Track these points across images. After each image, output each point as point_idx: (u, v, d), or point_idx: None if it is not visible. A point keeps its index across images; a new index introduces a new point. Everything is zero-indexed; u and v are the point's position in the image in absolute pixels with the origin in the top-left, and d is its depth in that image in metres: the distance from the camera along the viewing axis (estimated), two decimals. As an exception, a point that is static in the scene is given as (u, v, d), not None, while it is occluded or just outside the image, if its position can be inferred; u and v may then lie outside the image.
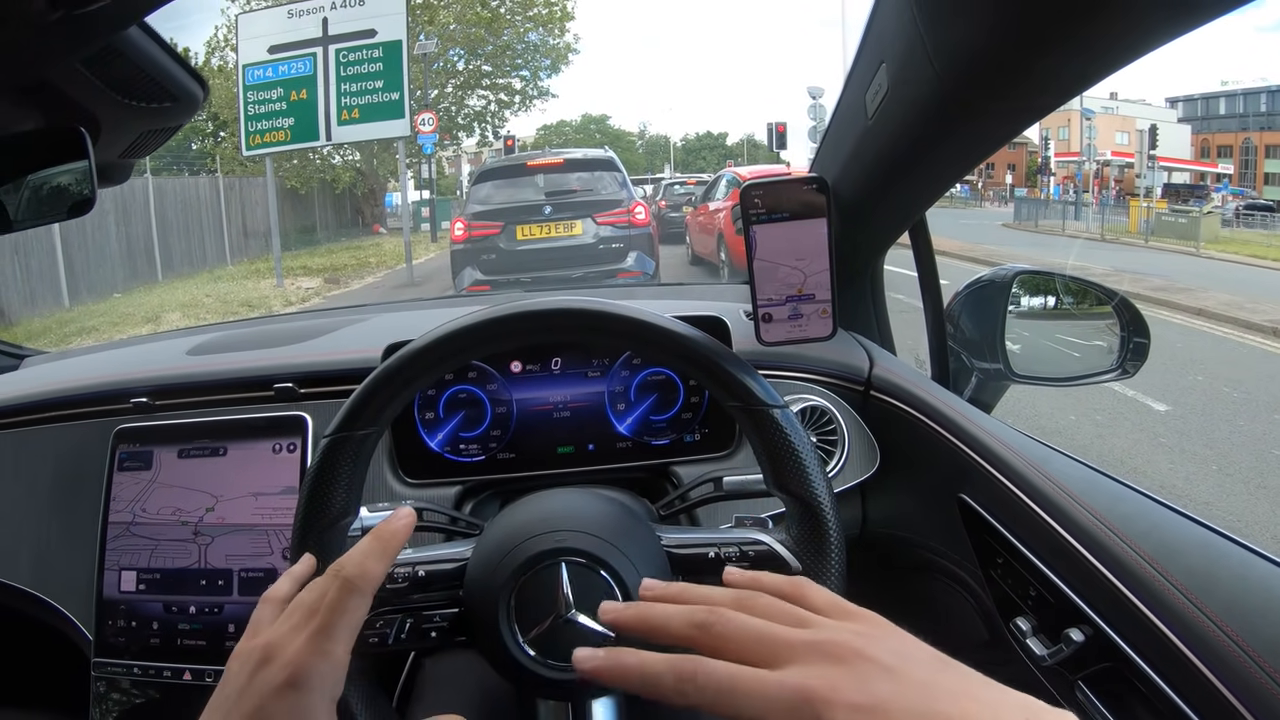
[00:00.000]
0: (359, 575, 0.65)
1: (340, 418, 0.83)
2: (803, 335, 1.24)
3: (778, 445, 0.81)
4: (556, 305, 0.84)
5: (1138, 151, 29.99)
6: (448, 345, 0.83)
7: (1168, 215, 24.07)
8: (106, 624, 1.28)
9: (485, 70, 28.51)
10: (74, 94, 0.98)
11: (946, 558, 1.17)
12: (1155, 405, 6.57)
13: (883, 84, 1.01)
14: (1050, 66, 0.81)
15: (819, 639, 0.51)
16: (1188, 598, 0.73)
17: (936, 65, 0.87)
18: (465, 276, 9.65)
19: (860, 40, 1.08)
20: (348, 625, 0.63)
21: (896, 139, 1.08)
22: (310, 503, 0.81)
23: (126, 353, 1.79)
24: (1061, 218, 27.34)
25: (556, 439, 1.36)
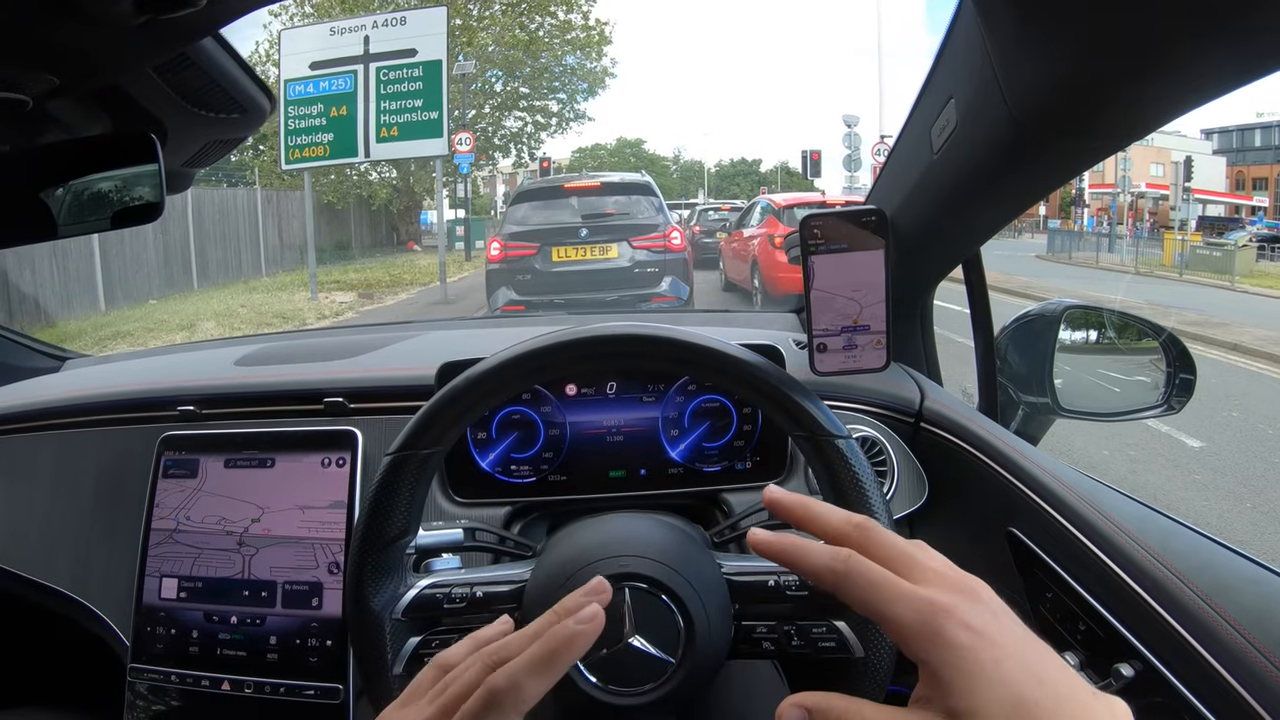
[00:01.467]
0: (508, 691, 0.58)
1: (405, 435, 0.83)
2: (857, 366, 1.24)
3: (842, 475, 0.81)
4: (624, 331, 0.84)
5: (1173, 184, 29.76)
6: (518, 368, 0.84)
7: (1202, 248, 23.84)
8: (145, 630, 1.28)
9: (522, 92, 28.80)
10: (144, 100, 0.99)
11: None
12: (1189, 441, 6.49)
13: (951, 119, 1.01)
14: (1125, 105, 0.81)
15: (947, 572, 0.57)
16: (1241, 634, 0.73)
17: (1010, 103, 0.87)
18: (500, 296, 9.73)
19: (928, 74, 1.08)
20: None
21: (962, 174, 1.08)
22: (371, 520, 0.81)
23: (173, 360, 1.81)
24: (1095, 250, 27.14)
25: (608, 463, 1.35)
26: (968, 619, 0.52)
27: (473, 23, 25.50)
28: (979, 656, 0.51)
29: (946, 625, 0.52)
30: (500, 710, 0.57)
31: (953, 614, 0.52)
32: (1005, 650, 0.51)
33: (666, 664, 0.76)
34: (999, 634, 0.52)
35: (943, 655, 0.52)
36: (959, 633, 0.52)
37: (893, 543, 0.59)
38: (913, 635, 0.53)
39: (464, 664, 0.62)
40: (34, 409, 1.51)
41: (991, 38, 0.85)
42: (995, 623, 0.53)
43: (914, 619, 0.53)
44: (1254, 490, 5.54)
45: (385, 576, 0.81)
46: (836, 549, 0.58)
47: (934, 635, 0.52)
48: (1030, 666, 0.51)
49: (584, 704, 0.77)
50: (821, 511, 0.63)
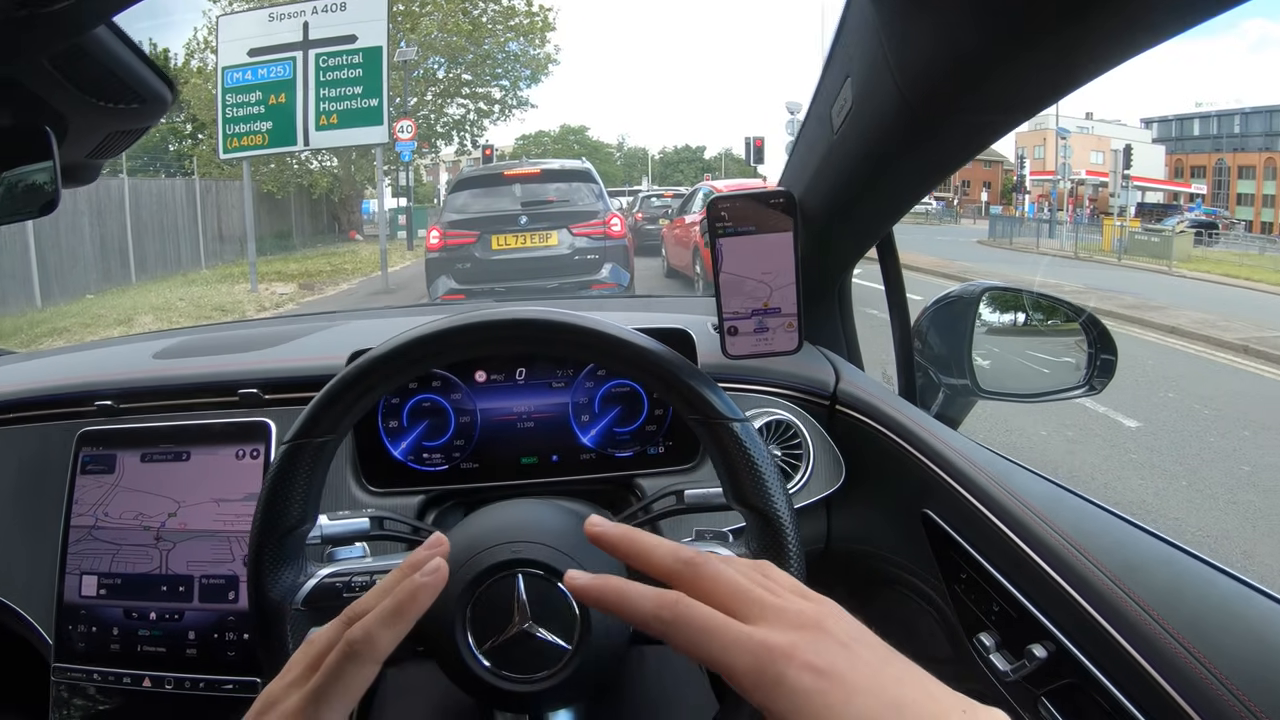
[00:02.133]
0: (363, 641, 0.59)
1: (299, 424, 0.82)
2: (768, 349, 1.24)
3: (736, 459, 0.81)
4: (518, 315, 0.84)
5: (1112, 171, 30.35)
6: (408, 354, 0.83)
7: (1141, 234, 24.32)
8: (67, 629, 1.27)
9: (465, 79, 28.46)
10: (41, 92, 0.97)
11: (911, 572, 1.17)
12: (1127, 422, 6.63)
13: (848, 98, 1.02)
14: (1008, 83, 0.82)
15: (786, 606, 0.54)
16: (1150, 614, 0.73)
17: (899, 80, 0.88)
18: (440, 285, 9.69)
19: (827, 55, 1.09)
20: (344, 694, 0.58)
21: (861, 153, 1.09)
22: (268, 509, 0.81)
23: (93, 355, 1.78)
24: (1036, 235, 27.57)
25: (520, 449, 1.35)
26: (810, 659, 0.50)
27: (415, 8, 25.14)
28: (827, 699, 0.49)
29: (787, 671, 0.49)
30: (358, 660, 0.58)
31: (793, 657, 0.50)
32: (856, 686, 0.49)
33: (563, 651, 0.76)
34: (849, 669, 0.50)
35: (787, 704, 0.49)
36: (802, 676, 0.49)
37: (726, 579, 0.56)
38: (751, 684, 0.50)
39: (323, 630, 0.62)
40: None
41: (880, 14, 0.86)
42: (845, 656, 0.51)
43: (750, 666, 0.50)
44: (1189, 469, 5.67)
45: (284, 566, 0.81)
46: (663, 593, 0.55)
47: (774, 683, 0.49)
48: (886, 697, 0.49)
49: (485, 690, 0.77)
50: (647, 546, 0.60)
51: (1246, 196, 48.92)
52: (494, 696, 0.77)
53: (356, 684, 0.58)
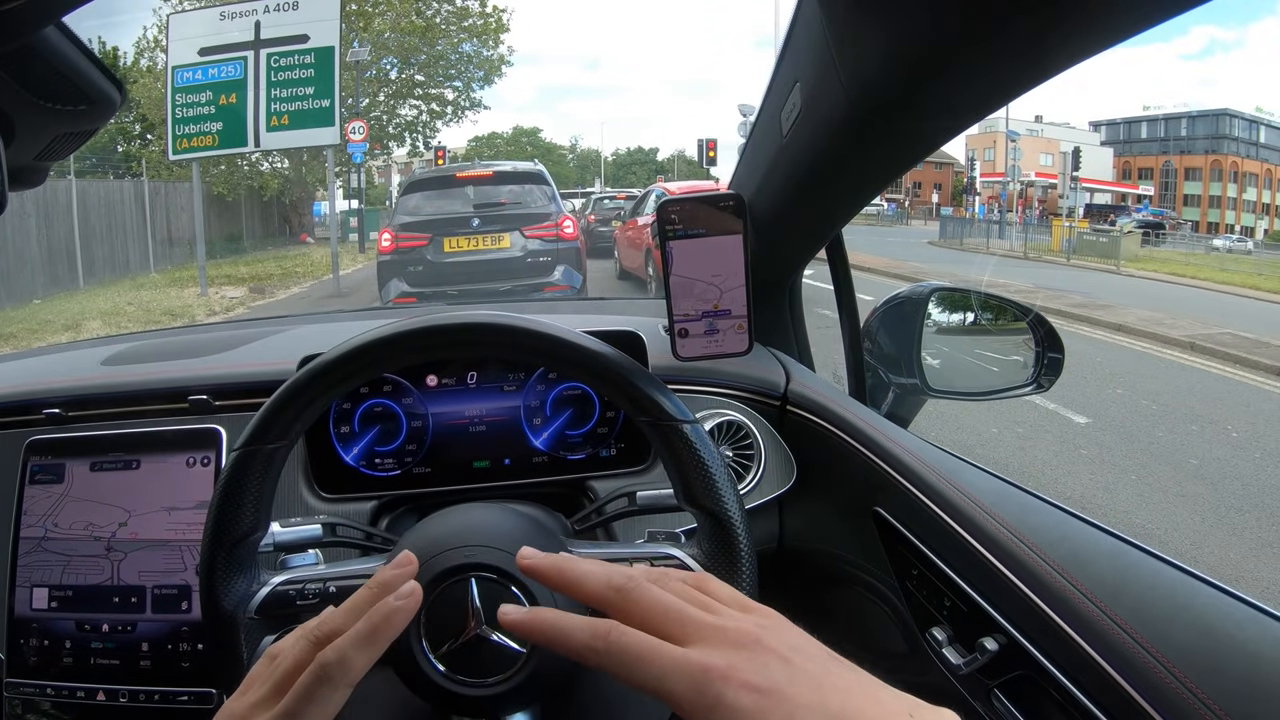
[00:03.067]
0: (337, 665, 0.59)
1: (249, 431, 0.82)
2: (719, 350, 1.25)
3: (686, 460, 0.82)
4: (466, 320, 0.84)
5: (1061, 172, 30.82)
6: (358, 359, 0.83)
7: (1089, 234, 24.78)
8: (19, 643, 1.24)
9: (418, 80, 28.36)
10: (-15, 93, 0.95)
11: (863, 570, 1.18)
12: (1076, 418, 6.77)
13: (796, 103, 1.03)
14: (955, 89, 0.83)
15: (723, 624, 0.54)
16: (1097, 606, 0.74)
17: (845, 85, 0.88)
18: (391, 288, 9.71)
19: (776, 60, 1.09)
20: (317, 718, 0.58)
21: (810, 157, 1.10)
22: (219, 518, 0.80)
23: (40, 362, 1.75)
24: (986, 236, 27.96)
25: (472, 453, 1.36)
26: (749, 678, 0.50)
27: (368, 8, 24.95)
28: (768, 717, 0.49)
29: (726, 692, 0.49)
30: (331, 684, 0.58)
31: (730, 677, 0.50)
32: (798, 701, 0.49)
33: (517, 655, 0.76)
34: (789, 685, 0.50)
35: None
36: (741, 696, 0.49)
37: (659, 602, 0.56)
38: (690, 708, 0.50)
39: (290, 644, 0.62)
40: None
41: (828, 20, 0.86)
42: (786, 672, 0.51)
43: (688, 690, 0.50)
44: (1138, 463, 5.81)
45: (236, 575, 0.80)
46: (596, 623, 0.55)
47: (713, 705, 0.49)
48: (830, 710, 0.49)
49: (440, 695, 0.77)
50: (579, 574, 0.60)
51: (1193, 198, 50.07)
52: (450, 702, 0.77)
53: (329, 708, 0.58)
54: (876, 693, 0.51)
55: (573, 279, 9.75)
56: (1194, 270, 20.14)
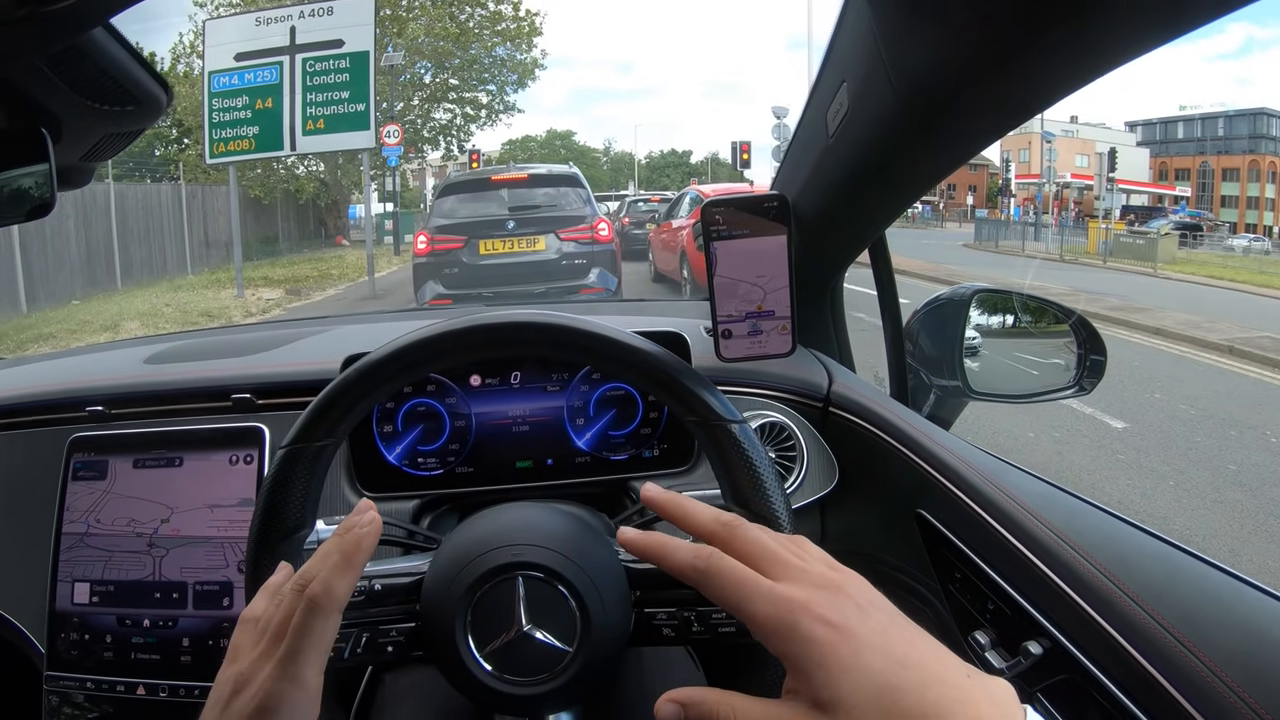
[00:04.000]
0: (323, 594, 0.63)
1: (297, 429, 0.82)
2: (762, 351, 1.25)
3: (735, 460, 0.81)
4: (515, 319, 0.83)
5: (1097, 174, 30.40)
6: (405, 358, 0.82)
7: (1126, 236, 24.44)
8: (59, 637, 1.25)
9: (452, 84, 28.54)
10: (35, 94, 0.96)
11: (905, 572, 1.17)
12: (1113, 423, 6.65)
13: (843, 103, 1.02)
14: (1005, 88, 0.82)
15: (809, 568, 0.59)
16: (1144, 609, 0.73)
17: (895, 84, 0.88)
18: (427, 290, 9.71)
19: (823, 59, 1.08)
20: (316, 649, 0.62)
21: (856, 157, 1.09)
22: (266, 515, 0.80)
23: (83, 360, 1.77)
24: (1021, 238, 27.64)
25: (515, 453, 1.35)
26: (824, 613, 0.55)
27: (402, 13, 25.17)
28: (837, 649, 0.53)
29: (802, 620, 0.54)
30: (322, 612, 0.62)
31: (809, 609, 0.55)
32: (865, 640, 0.53)
33: (563, 653, 0.76)
34: (860, 625, 0.54)
35: (801, 650, 0.54)
36: (815, 627, 0.54)
37: (758, 540, 0.62)
38: (771, 632, 0.56)
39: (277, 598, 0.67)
40: None
41: (877, 19, 0.86)
42: (858, 614, 0.55)
43: (770, 615, 0.56)
44: (1176, 469, 5.69)
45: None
46: (699, 547, 0.62)
47: (790, 631, 0.55)
48: (893, 653, 0.53)
49: (485, 693, 0.76)
50: (692, 509, 0.67)
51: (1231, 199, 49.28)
52: (495, 700, 0.77)
53: (326, 637, 0.63)
54: (938, 650, 0.55)
55: (608, 281, 9.75)
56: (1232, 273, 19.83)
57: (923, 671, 0.53)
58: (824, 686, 0.53)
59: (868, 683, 0.52)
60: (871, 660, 0.53)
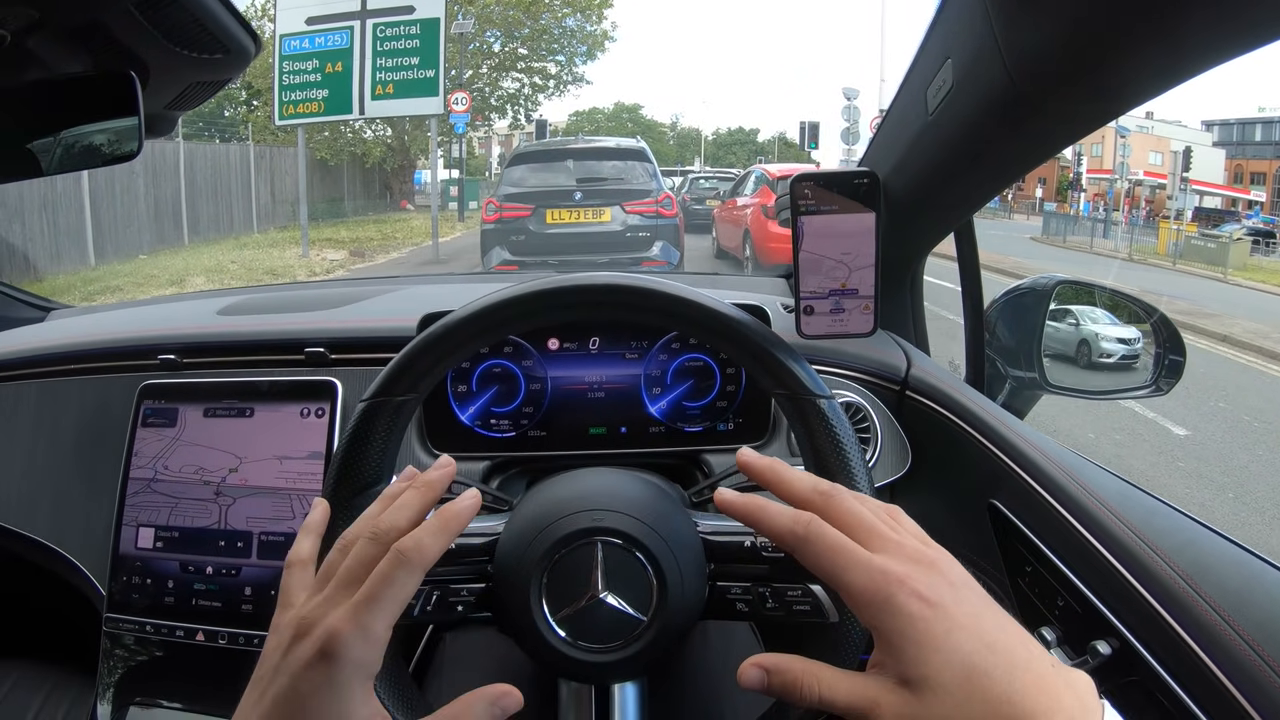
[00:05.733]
0: (414, 549, 0.62)
1: (380, 382, 0.81)
2: (843, 330, 1.23)
3: (822, 436, 0.80)
4: (611, 281, 0.82)
5: (1171, 173, 29.53)
6: (493, 315, 0.81)
7: (1197, 239, 23.85)
8: (121, 579, 1.27)
9: (521, 53, 28.53)
10: (126, 39, 0.97)
11: (972, 563, 1.15)
12: (1175, 429, 6.53)
13: (947, 80, 0.99)
14: (1123, 71, 0.79)
15: (905, 542, 0.60)
16: (1221, 615, 0.72)
17: (1009, 64, 0.85)
18: (494, 256, 10.03)
19: (925, 34, 1.05)
20: (394, 600, 0.60)
21: (957, 138, 1.06)
22: (344, 467, 0.79)
23: (155, 310, 1.79)
24: (1090, 235, 27.08)
25: (589, 419, 1.34)
26: (920, 589, 0.55)
27: (473, -19, 25.25)
28: (930, 627, 0.54)
29: (898, 594, 0.55)
30: (409, 566, 0.61)
31: (905, 583, 0.55)
32: (957, 621, 0.54)
33: (637, 622, 0.75)
34: (954, 604, 0.55)
35: (894, 624, 0.55)
36: (910, 602, 0.55)
37: (855, 511, 0.62)
38: (865, 603, 0.56)
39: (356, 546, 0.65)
40: (15, 358, 1.49)
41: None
42: (952, 593, 0.56)
43: (867, 586, 0.56)
44: (1236, 480, 5.58)
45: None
46: (799, 513, 0.61)
47: (885, 603, 0.55)
48: (983, 637, 0.54)
49: (555, 658, 0.76)
50: (790, 476, 0.66)
51: (1308, 206, 47.78)
52: (563, 665, 0.77)
53: (406, 591, 0.61)
54: (1025, 636, 0.56)
55: (670, 255, 10.01)
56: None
57: (1010, 657, 0.53)
58: (913, 663, 0.54)
59: (957, 663, 0.53)
60: (962, 641, 0.53)
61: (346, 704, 0.58)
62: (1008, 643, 0.54)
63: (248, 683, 0.62)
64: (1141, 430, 6.44)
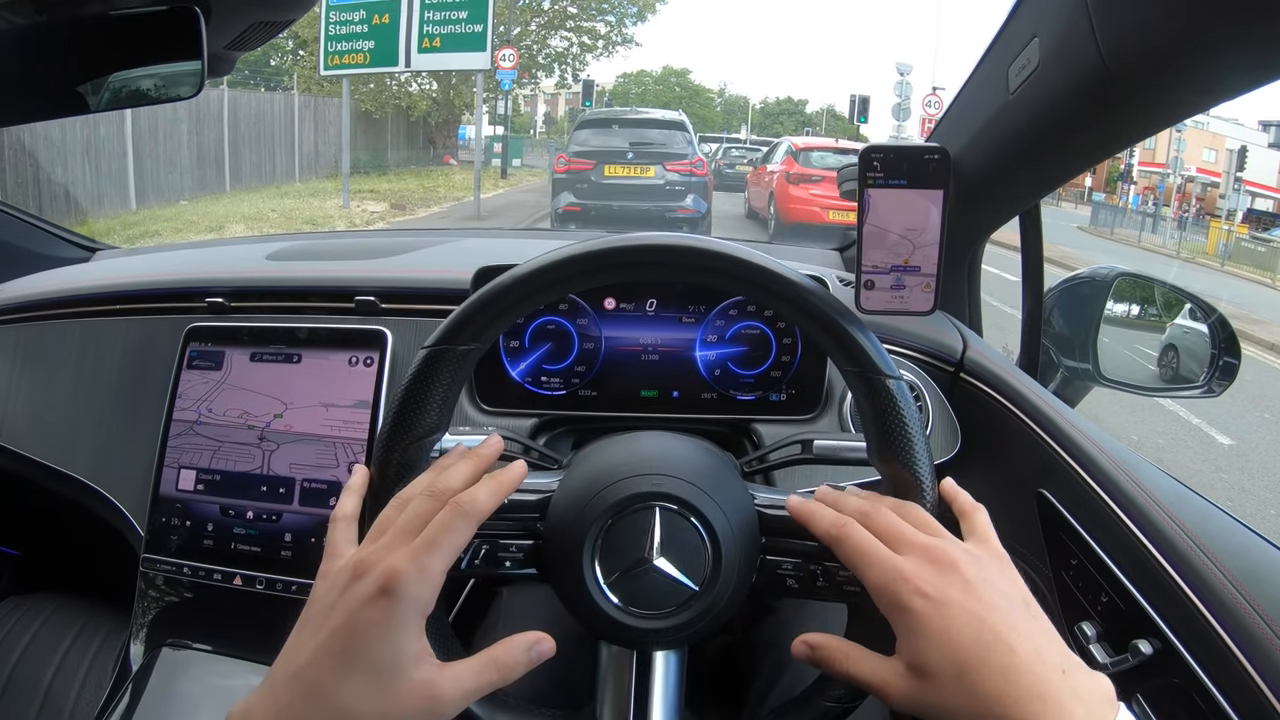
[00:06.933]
0: (470, 502, 0.67)
1: (444, 329, 0.79)
2: (903, 307, 1.20)
3: (890, 416, 0.77)
4: (686, 243, 0.79)
5: (1226, 171, 28.87)
6: (566, 269, 0.79)
7: (1248, 241, 23.42)
8: (160, 520, 1.28)
9: (570, 12, 28.38)
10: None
11: (1016, 553, 1.12)
12: (1220, 438, 6.42)
13: (1032, 59, 0.96)
14: (1215, 64, 0.77)
15: (930, 544, 0.65)
16: (1270, 625, 0.72)
17: (1103, 46, 0.82)
18: (562, 199, 12.70)
19: (1010, 10, 1.03)
20: (451, 545, 0.65)
21: (1038, 118, 1.03)
22: (401, 413, 0.78)
23: (203, 253, 1.80)
24: (1139, 229, 26.66)
25: (641, 382, 1.33)
26: (922, 586, 0.62)
27: (525, -64, 25.12)
28: (928, 621, 0.60)
29: (902, 590, 0.62)
30: (466, 517, 0.66)
31: (910, 581, 0.62)
32: (956, 617, 0.60)
33: (689, 590, 0.75)
34: (959, 601, 0.61)
35: (899, 616, 0.63)
36: (913, 599, 0.61)
37: (889, 521, 0.69)
38: (877, 596, 0.64)
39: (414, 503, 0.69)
40: (63, 296, 1.50)
41: None
42: (961, 592, 0.61)
43: (878, 582, 0.64)
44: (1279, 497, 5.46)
45: (409, 471, 0.78)
46: (839, 515, 0.71)
47: (892, 597, 0.63)
48: (984, 635, 0.59)
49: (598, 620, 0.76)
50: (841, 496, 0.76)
51: (1360, 213, 46.75)
52: (608, 628, 0.76)
53: (461, 539, 0.66)
54: (1045, 640, 0.60)
55: (700, 206, 12.67)
56: (1356, 295, 18.80)
57: (1011, 658, 0.58)
58: (915, 653, 0.61)
59: (951, 657, 0.59)
60: (960, 636, 0.59)
61: (401, 638, 0.61)
62: (1014, 643, 0.58)
63: (282, 629, 0.64)
64: (1186, 436, 6.35)
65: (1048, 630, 0.62)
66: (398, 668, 0.61)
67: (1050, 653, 0.59)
